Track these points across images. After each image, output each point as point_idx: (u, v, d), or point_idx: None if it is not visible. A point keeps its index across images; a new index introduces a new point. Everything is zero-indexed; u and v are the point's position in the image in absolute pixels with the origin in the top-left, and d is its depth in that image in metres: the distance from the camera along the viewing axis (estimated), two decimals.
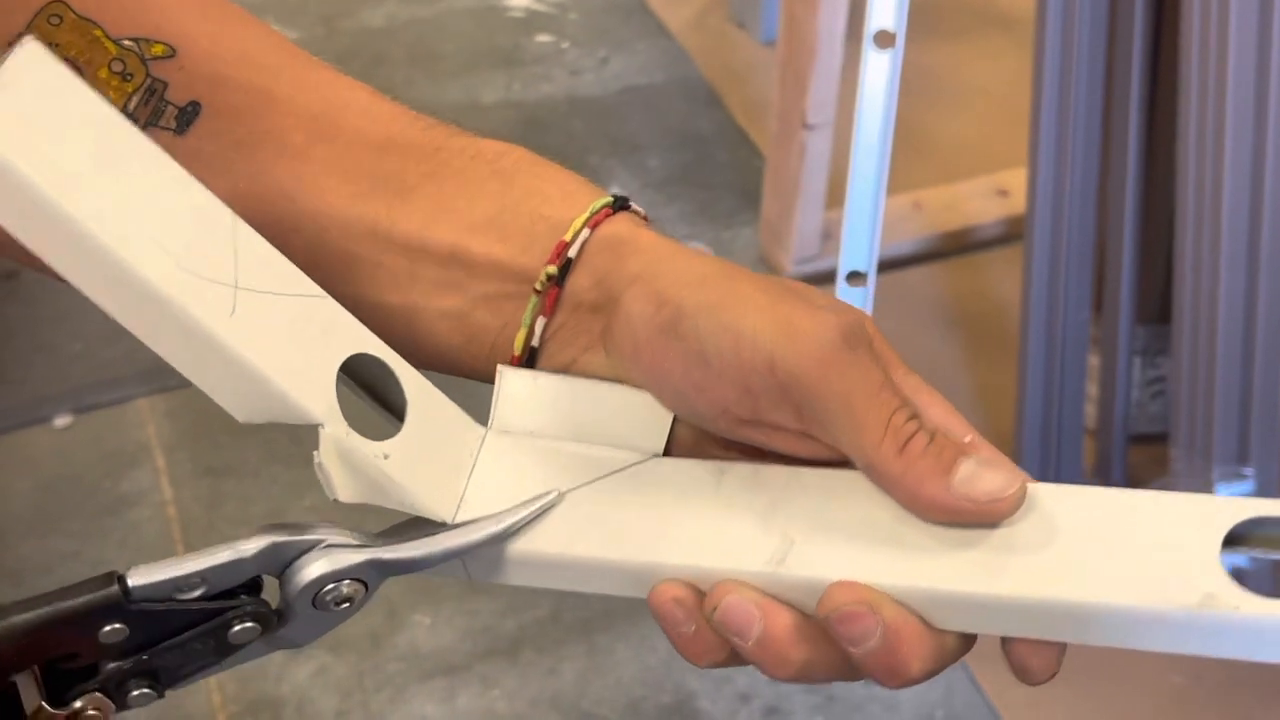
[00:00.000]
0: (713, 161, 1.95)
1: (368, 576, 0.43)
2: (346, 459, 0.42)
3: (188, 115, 0.47)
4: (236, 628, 0.42)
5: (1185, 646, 0.39)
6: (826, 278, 1.69)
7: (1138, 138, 1.37)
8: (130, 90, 0.47)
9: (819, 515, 0.42)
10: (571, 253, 0.45)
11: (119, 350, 1.68)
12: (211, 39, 0.48)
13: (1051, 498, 0.41)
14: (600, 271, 0.45)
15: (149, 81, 0.47)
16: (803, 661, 0.41)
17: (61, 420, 1.63)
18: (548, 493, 0.44)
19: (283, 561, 0.42)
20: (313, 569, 0.42)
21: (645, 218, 0.47)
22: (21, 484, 1.57)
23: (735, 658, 0.42)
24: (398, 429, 0.43)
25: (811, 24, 1.57)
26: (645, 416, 0.45)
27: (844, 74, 1.59)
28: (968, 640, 0.42)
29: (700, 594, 0.42)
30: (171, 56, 0.47)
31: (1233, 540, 0.40)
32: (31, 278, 1.82)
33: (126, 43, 0.47)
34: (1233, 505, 0.40)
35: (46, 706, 0.41)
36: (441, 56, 2.12)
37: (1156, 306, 1.46)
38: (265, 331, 0.41)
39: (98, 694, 0.41)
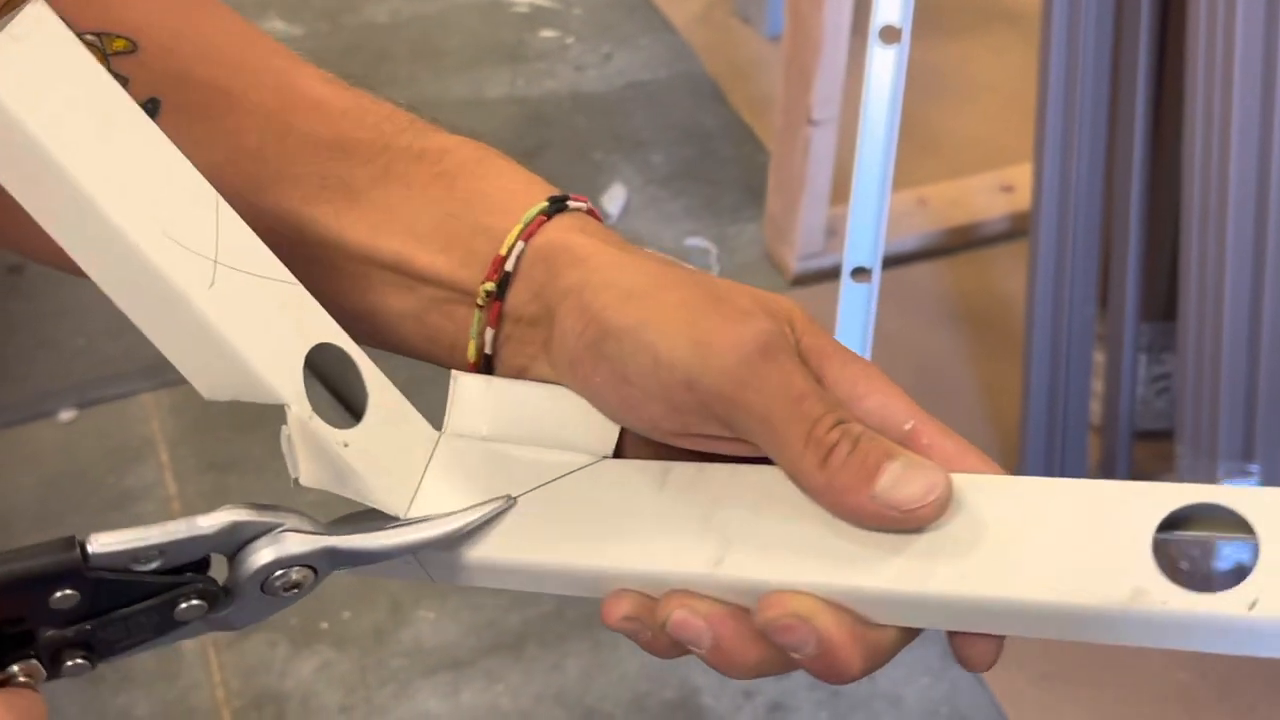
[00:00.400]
0: (717, 157, 1.95)
1: (319, 564, 0.43)
2: (310, 442, 0.42)
3: (148, 112, 0.48)
4: (183, 604, 0.42)
5: (1115, 639, 0.39)
6: (831, 273, 1.69)
7: (1143, 134, 1.37)
8: None
9: (757, 514, 0.43)
10: (508, 267, 0.45)
11: (123, 345, 1.68)
12: (172, 33, 0.49)
13: (982, 491, 0.42)
14: (537, 285, 0.45)
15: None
16: (756, 662, 0.42)
17: (65, 415, 1.63)
18: (500, 497, 0.45)
19: (239, 542, 0.42)
20: (265, 554, 0.42)
21: (590, 211, 0.47)
22: (25, 479, 1.57)
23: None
24: (353, 425, 0.44)
25: (817, 19, 1.57)
26: (594, 420, 0.46)
27: (849, 69, 1.59)
28: (908, 632, 0.42)
29: (649, 598, 0.43)
30: (133, 52, 0.48)
31: (1169, 525, 0.40)
32: (35, 272, 1.82)
33: (89, 37, 0.48)
34: (1164, 493, 0.40)
35: None
36: (445, 52, 2.12)
37: (1162, 303, 1.45)
38: (240, 308, 0.42)
39: (32, 661, 0.41)
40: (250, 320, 0.42)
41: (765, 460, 0.44)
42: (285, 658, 1.40)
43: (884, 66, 1.25)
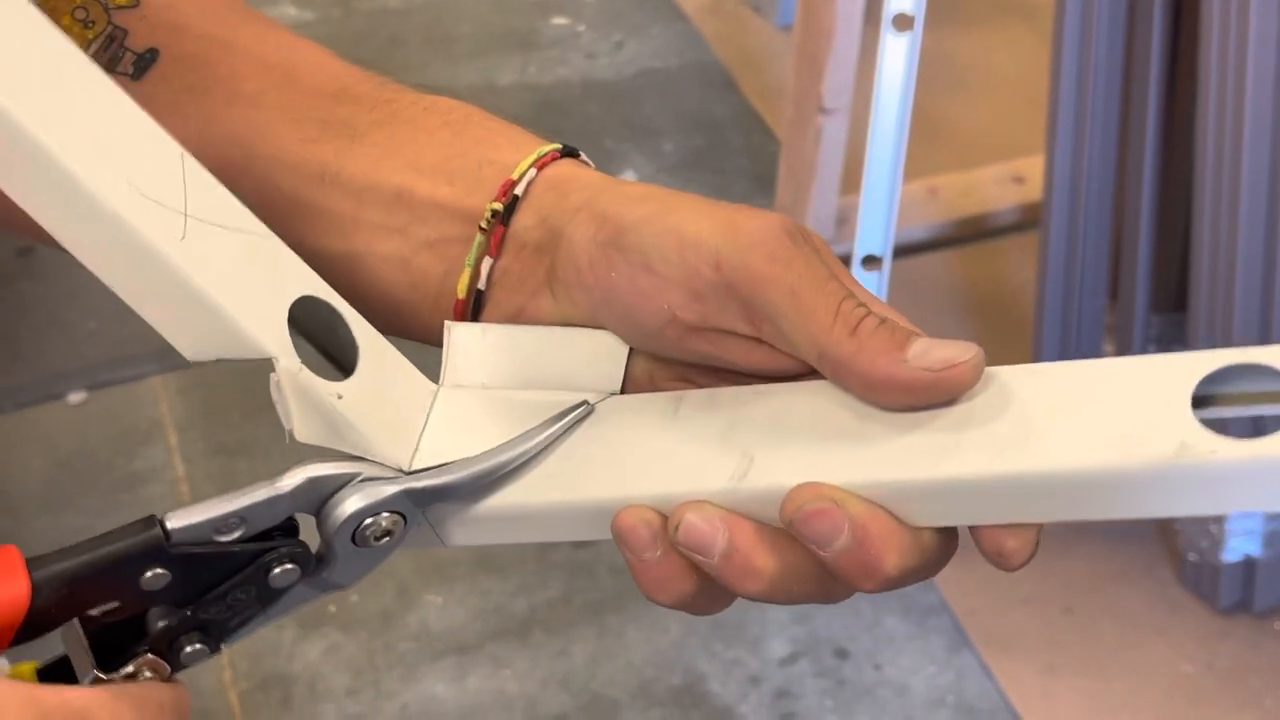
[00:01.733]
0: (727, 146, 1.95)
1: (404, 508, 0.42)
2: (301, 395, 0.41)
3: (145, 61, 0.48)
4: (277, 570, 0.41)
5: (1165, 505, 0.37)
6: (841, 263, 1.68)
7: (1155, 125, 1.37)
8: (91, 37, 0.48)
9: (777, 428, 0.41)
10: (518, 190, 0.44)
11: (133, 328, 1.67)
12: None
13: (1009, 375, 0.40)
14: (545, 210, 0.44)
15: (110, 29, 0.48)
16: (773, 572, 0.40)
17: (75, 397, 1.63)
18: (579, 404, 0.44)
19: (319, 498, 0.41)
20: (349, 504, 0.41)
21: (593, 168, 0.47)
22: (35, 460, 1.57)
23: (701, 591, 0.41)
24: (345, 379, 0.42)
25: (829, 8, 1.57)
26: (599, 357, 0.44)
27: (861, 59, 1.59)
28: (947, 540, 0.40)
29: (663, 516, 0.41)
30: (134, 6, 0.48)
31: (1205, 402, 0.38)
32: (47, 254, 1.82)
33: None
34: (1201, 358, 0.38)
35: (99, 673, 0.40)
36: (457, 39, 2.12)
37: (1173, 295, 1.45)
38: (216, 260, 0.40)
39: (149, 655, 0.40)
40: (227, 273, 0.40)
41: (775, 378, 0.43)
42: (293, 640, 1.40)
43: (896, 54, 1.25)
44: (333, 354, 0.44)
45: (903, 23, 1.20)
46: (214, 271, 0.40)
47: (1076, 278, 1.42)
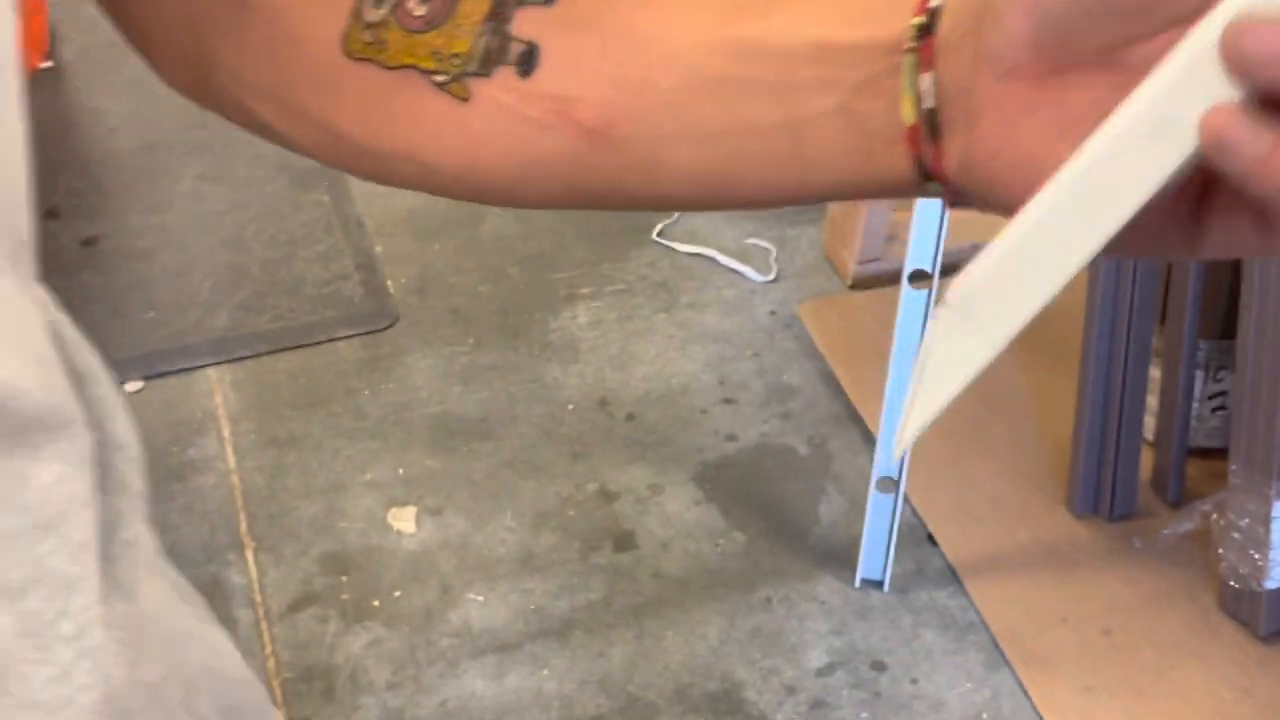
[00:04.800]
0: None
1: None
2: None
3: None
4: None
5: None
6: (890, 279, 1.69)
7: None
8: None
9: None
10: (933, 2, 0.46)
11: (190, 319, 1.71)
12: None
13: None
14: (957, 5, 0.45)
15: None
16: None
17: (132, 386, 1.66)
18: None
19: None
20: None
21: None
22: None
23: None
24: None
25: None
26: None
27: None
28: None
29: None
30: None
31: None
32: (109, 245, 1.85)
33: None
34: None
35: None
36: None
37: (1220, 321, 1.45)
38: None
39: None
40: None
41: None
42: (336, 632, 1.42)
43: None
44: None
45: None
46: None
47: (1125, 301, 1.42)
